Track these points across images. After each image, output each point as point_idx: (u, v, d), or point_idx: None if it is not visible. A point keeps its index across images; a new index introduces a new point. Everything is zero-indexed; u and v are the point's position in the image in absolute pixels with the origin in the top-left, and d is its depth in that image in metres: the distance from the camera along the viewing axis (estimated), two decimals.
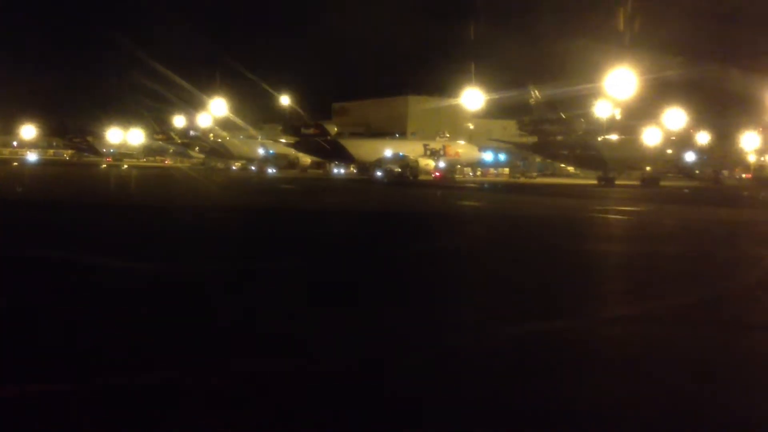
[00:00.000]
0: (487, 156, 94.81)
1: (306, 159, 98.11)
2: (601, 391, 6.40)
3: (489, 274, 13.07)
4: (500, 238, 19.94)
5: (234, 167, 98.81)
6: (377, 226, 23.13)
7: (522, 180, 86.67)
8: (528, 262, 14.82)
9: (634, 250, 17.95)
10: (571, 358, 7.37)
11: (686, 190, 62.10)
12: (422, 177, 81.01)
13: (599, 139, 72.15)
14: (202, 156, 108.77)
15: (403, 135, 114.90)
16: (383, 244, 17.63)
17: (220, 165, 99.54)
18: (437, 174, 79.64)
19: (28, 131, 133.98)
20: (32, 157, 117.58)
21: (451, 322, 8.87)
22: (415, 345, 7.63)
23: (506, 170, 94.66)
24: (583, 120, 72.76)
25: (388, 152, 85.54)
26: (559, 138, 72.35)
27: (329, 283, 11.48)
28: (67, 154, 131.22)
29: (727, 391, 6.42)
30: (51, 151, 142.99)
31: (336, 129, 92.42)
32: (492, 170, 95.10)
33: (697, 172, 75.35)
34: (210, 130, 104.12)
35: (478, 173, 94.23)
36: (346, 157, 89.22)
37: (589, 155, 71.94)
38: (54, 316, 8.62)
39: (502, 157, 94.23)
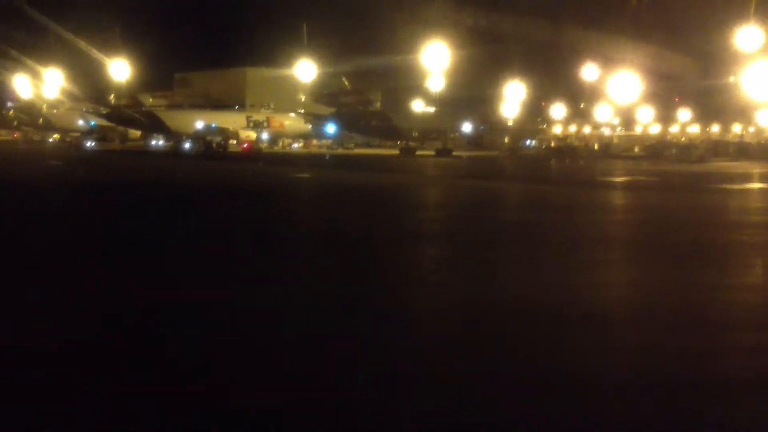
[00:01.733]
0: (330, 128, 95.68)
1: (136, 132, 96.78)
2: None
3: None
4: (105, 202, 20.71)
5: (51, 140, 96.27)
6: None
7: (339, 151, 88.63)
8: None
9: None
10: None
11: (462, 158, 65.23)
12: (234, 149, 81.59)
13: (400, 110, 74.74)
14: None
15: (243, 107, 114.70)
16: None
17: (36, 137, 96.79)
18: (245, 146, 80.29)
19: None
20: None
21: None
22: None
23: (329, 142, 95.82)
24: (379, 92, 75.01)
25: (199, 124, 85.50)
26: (360, 109, 74.21)
27: None
28: None
29: None
30: None
31: (151, 100, 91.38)
32: (315, 142, 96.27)
33: (490, 141, 78.82)
34: (34, 101, 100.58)
35: (300, 145, 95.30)
36: (162, 129, 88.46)
37: (384, 126, 74.29)
38: None
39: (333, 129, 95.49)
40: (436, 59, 79.00)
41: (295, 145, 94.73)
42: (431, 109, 76.60)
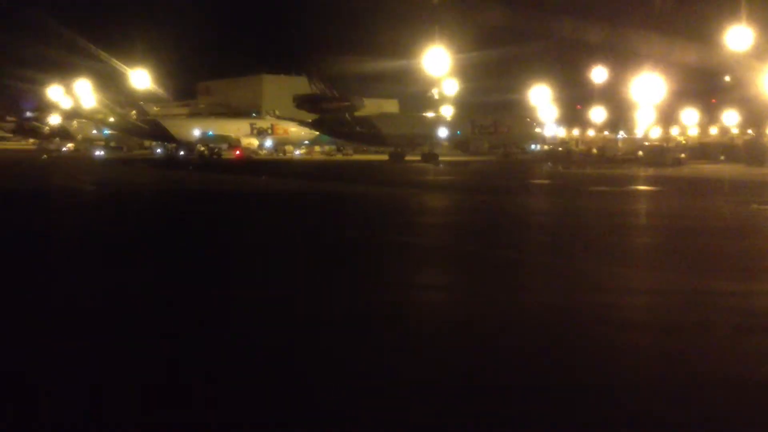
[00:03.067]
0: None
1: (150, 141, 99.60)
2: None
3: None
4: None
5: (65, 148, 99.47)
6: None
7: (337, 157, 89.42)
8: None
9: None
10: None
11: (441, 165, 65.02)
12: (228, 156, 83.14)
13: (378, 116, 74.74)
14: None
15: (259, 113, 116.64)
16: None
17: (51, 146, 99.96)
18: (238, 153, 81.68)
19: None
20: None
21: None
22: None
23: (329, 148, 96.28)
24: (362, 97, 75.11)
25: (196, 132, 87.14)
26: (346, 116, 74.23)
27: None
28: None
29: None
30: None
31: (156, 109, 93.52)
32: (317, 148, 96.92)
33: (476, 146, 77.91)
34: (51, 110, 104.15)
35: (303, 151, 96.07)
36: (166, 137, 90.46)
37: (368, 133, 74.33)
38: None
39: None
40: (431, 64, 78.87)
41: (297, 152, 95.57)
42: (408, 115, 76.56)
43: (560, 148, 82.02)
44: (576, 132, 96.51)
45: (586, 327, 8.68)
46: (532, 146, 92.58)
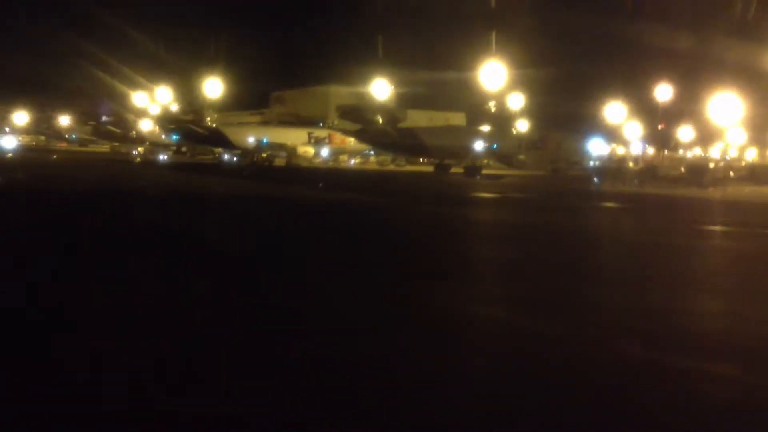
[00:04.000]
0: None
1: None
2: None
3: None
4: None
5: (135, 152, 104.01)
6: None
7: (389, 167, 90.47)
8: None
9: None
10: None
11: (477, 177, 65.25)
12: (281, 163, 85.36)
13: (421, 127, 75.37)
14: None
15: (326, 123, 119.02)
16: None
17: (123, 149, 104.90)
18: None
19: None
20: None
21: None
22: None
23: (383, 158, 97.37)
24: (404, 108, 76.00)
25: (251, 139, 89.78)
26: (388, 127, 75.31)
27: None
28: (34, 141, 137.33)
29: None
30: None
31: (216, 116, 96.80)
32: (373, 158, 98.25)
33: (520, 161, 77.25)
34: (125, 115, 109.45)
35: (358, 161, 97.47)
36: (226, 144, 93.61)
37: (411, 144, 74.93)
38: None
39: None
40: (489, 78, 78.92)
41: (352, 161, 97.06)
42: (451, 126, 76.71)
43: (615, 165, 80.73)
44: (635, 150, 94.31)
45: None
46: (590, 162, 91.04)
